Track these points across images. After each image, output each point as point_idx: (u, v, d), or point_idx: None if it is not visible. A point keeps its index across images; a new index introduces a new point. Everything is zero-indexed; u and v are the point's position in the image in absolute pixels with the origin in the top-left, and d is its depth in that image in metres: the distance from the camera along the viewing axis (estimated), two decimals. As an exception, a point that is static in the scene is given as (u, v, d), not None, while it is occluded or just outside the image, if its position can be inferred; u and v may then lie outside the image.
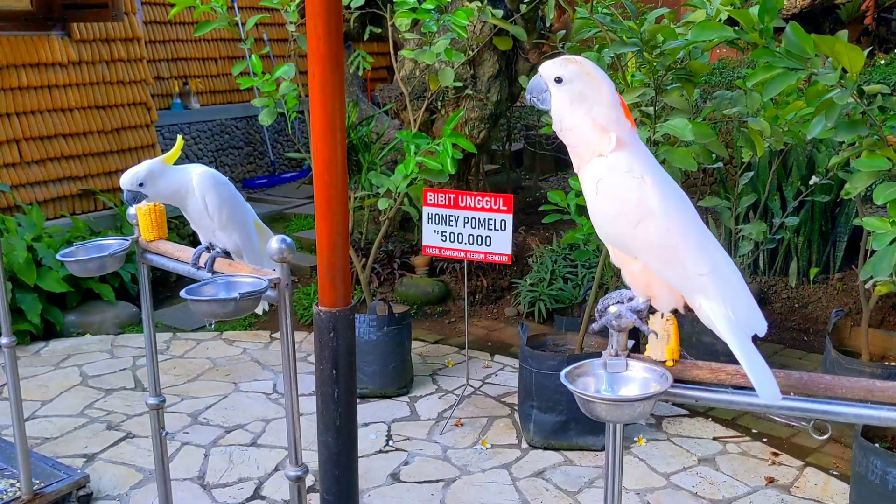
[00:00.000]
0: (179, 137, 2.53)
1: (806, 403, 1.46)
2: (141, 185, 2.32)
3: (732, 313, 1.50)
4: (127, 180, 2.32)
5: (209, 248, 2.44)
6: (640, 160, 1.56)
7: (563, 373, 1.52)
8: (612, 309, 1.56)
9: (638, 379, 1.54)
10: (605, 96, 1.55)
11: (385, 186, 4.26)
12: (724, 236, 5.33)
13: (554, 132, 1.66)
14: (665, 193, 1.54)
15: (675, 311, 1.59)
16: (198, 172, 2.38)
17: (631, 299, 1.60)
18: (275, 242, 1.95)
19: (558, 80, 1.56)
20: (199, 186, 2.36)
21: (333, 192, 1.67)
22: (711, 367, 1.54)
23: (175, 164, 2.43)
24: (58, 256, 2.51)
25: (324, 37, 1.59)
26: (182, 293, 1.99)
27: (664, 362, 1.55)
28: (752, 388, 1.54)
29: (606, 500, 1.65)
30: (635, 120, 3.41)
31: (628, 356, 1.57)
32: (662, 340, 1.54)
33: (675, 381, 1.53)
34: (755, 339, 1.51)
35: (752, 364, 1.46)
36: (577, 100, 1.55)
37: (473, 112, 5.81)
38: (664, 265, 1.53)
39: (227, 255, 2.44)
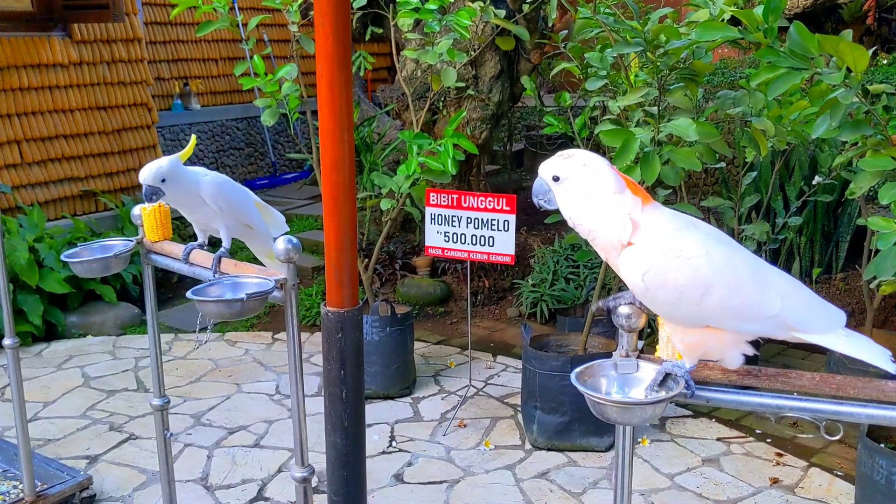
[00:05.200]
0: (193, 137, 2.52)
1: (817, 404, 1.46)
2: (163, 180, 2.28)
3: (819, 328, 1.50)
4: (150, 175, 2.26)
5: (202, 246, 2.43)
6: (668, 234, 1.49)
7: (573, 374, 1.51)
8: (624, 310, 1.55)
9: (649, 380, 1.53)
10: (606, 183, 1.50)
11: (387, 187, 4.25)
12: (727, 236, 5.32)
13: (555, 133, 1.64)
14: (709, 254, 1.48)
15: None
16: (204, 181, 2.35)
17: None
18: (281, 243, 1.95)
19: (556, 179, 1.54)
20: (209, 195, 2.34)
21: (341, 192, 1.67)
22: (722, 368, 1.53)
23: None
24: (62, 257, 2.50)
25: (332, 35, 1.58)
26: (188, 293, 1.99)
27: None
28: (758, 389, 1.54)
29: (616, 501, 1.64)
30: (638, 121, 3.41)
31: (638, 357, 1.56)
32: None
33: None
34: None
35: (867, 352, 1.50)
36: (579, 193, 1.52)
37: (475, 112, 5.80)
38: (740, 322, 1.49)
39: (231, 254, 2.43)
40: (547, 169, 1.56)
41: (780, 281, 1.53)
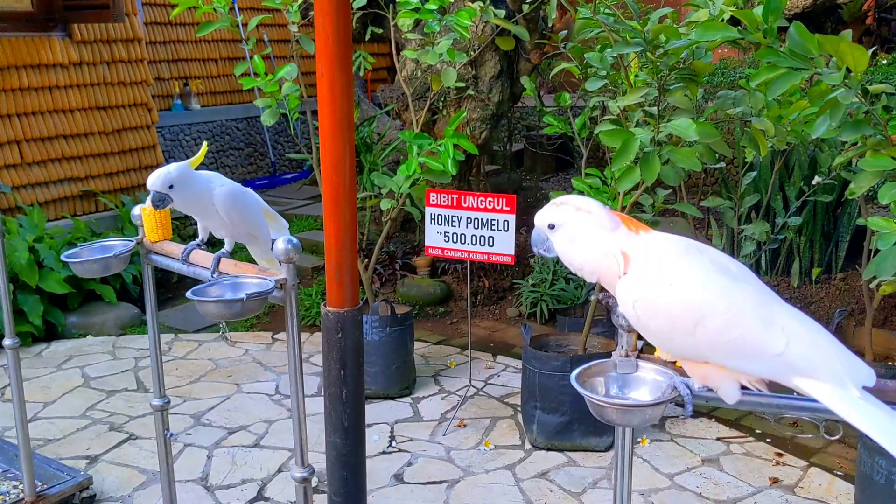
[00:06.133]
0: (205, 144, 2.52)
1: (817, 403, 1.45)
2: (171, 187, 2.26)
3: (833, 381, 1.37)
4: (158, 181, 2.24)
5: (200, 244, 2.43)
6: (662, 262, 1.46)
7: (573, 375, 1.51)
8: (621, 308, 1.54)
9: (648, 380, 1.53)
10: (601, 223, 1.50)
11: (387, 187, 4.26)
12: (727, 236, 5.33)
13: (555, 133, 1.64)
14: (704, 284, 1.42)
15: None
16: (217, 192, 2.33)
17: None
18: (281, 243, 1.95)
19: (552, 227, 1.54)
20: (222, 207, 2.33)
21: (341, 192, 1.67)
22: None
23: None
24: (62, 257, 2.50)
25: (332, 35, 1.59)
26: (188, 294, 1.99)
27: (674, 363, 1.54)
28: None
29: (616, 501, 1.64)
30: (638, 121, 3.41)
31: (638, 357, 1.56)
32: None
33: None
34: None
35: (876, 427, 1.33)
36: (575, 238, 1.52)
37: (475, 112, 5.80)
38: (740, 360, 1.40)
39: (231, 254, 2.43)
40: (542, 218, 1.56)
41: (792, 320, 1.42)
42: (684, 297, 1.41)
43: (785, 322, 1.41)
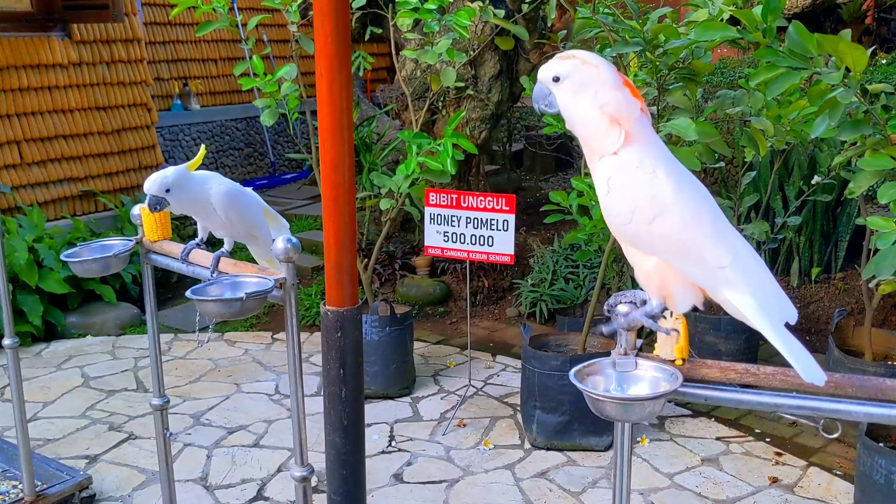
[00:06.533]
0: (203, 147, 2.52)
1: (816, 402, 1.46)
2: (168, 191, 2.27)
3: (761, 302, 1.45)
4: (154, 185, 2.26)
5: (199, 244, 2.43)
6: (651, 153, 1.51)
7: (572, 372, 1.51)
8: (622, 308, 1.55)
9: (647, 378, 1.53)
10: (605, 79, 1.52)
11: (386, 187, 4.26)
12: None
13: (555, 133, 1.64)
14: (679, 185, 1.50)
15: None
16: (215, 191, 2.34)
17: (644, 302, 1.57)
18: (280, 242, 1.95)
19: (556, 80, 1.55)
20: (220, 206, 2.34)
21: (341, 192, 1.67)
22: (721, 366, 1.54)
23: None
24: (62, 257, 2.51)
25: (331, 35, 1.59)
26: (188, 293, 1.99)
27: (673, 361, 1.55)
28: (757, 387, 1.54)
29: (615, 500, 1.64)
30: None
31: (637, 355, 1.56)
32: (671, 339, 1.54)
33: (685, 380, 1.53)
34: (787, 326, 1.48)
35: (791, 348, 1.42)
36: (578, 91, 1.53)
37: (474, 112, 5.80)
38: (684, 260, 1.49)
39: (230, 254, 2.43)
40: (546, 71, 1.57)
41: (742, 245, 1.51)
42: (656, 188, 1.49)
43: (736, 244, 1.51)
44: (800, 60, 2.27)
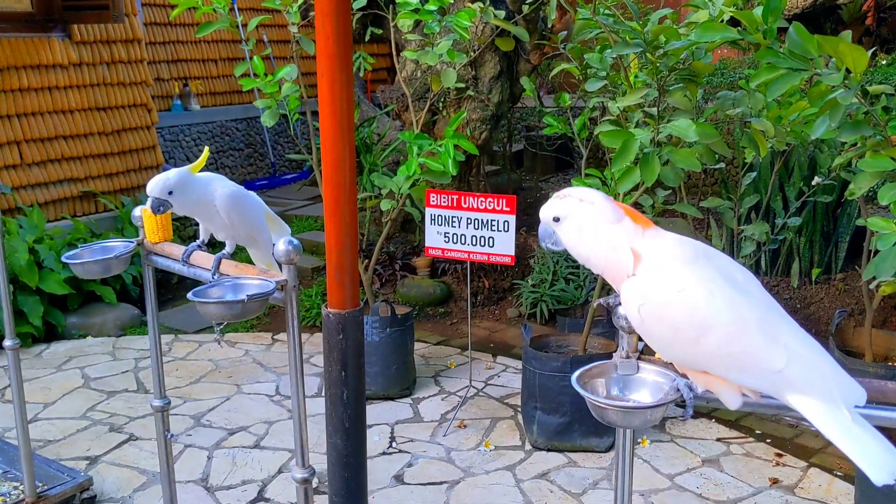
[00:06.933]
0: (206, 149, 2.52)
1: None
2: (170, 193, 2.26)
3: (824, 399, 1.38)
4: (157, 187, 2.25)
5: (201, 245, 2.43)
6: (672, 266, 1.45)
7: (574, 377, 1.51)
8: (623, 309, 1.54)
9: (649, 382, 1.53)
10: (604, 215, 1.50)
11: (387, 188, 4.26)
12: (727, 237, 5.33)
13: (555, 134, 1.64)
14: (711, 293, 1.41)
15: None
16: (219, 194, 2.33)
17: None
18: (282, 244, 1.95)
19: (557, 220, 1.55)
20: (223, 209, 2.34)
21: (343, 193, 1.67)
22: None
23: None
24: (63, 258, 2.51)
25: (333, 36, 1.59)
26: (189, 295, 1.99)
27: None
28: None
29: (616, 501, 1.64)
30: (637, 121, 3.41)
31: (639, 358, 1.56)
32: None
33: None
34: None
35: (859, 451, 1.37)
36: (580, 229, 1.52)
37: (475, 113, 5.80)
38: (738, 372, 1.41)
39: (232, 256, 2.43)
40: (547, 212, 1.56)
41: (794, 337, 1.42)
42: (691, 306, 1.40)
43: (787, 339, 1.41)
44: (800, 61, 2.27)
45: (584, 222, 1.52)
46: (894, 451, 1.36)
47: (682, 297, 1.41)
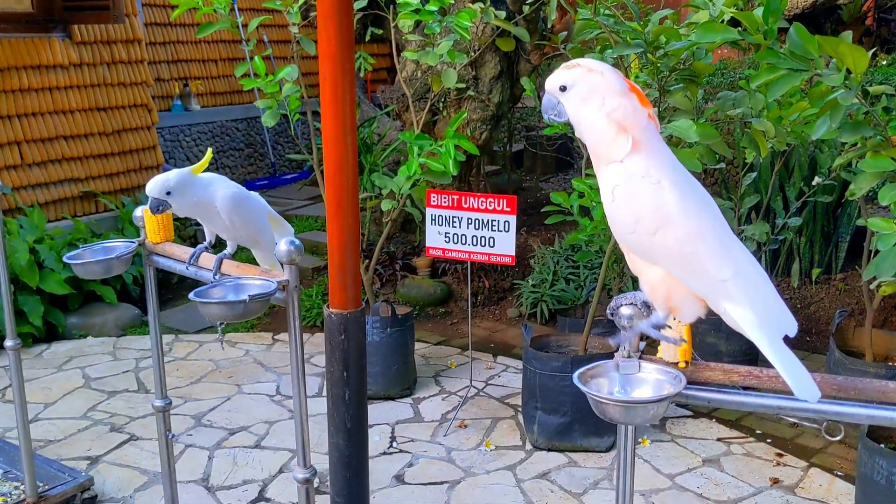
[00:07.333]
0: (209, 151, 2.52)
1: (819, 405, 1.46)
2: (169, 193, 2.27)
3: (760, 315, 1.45)
4: (155, 188, 2.26)
5: (207, 247, 2.43)
6: (658, 162, 1.51)
7: (575, 375, 1.52)
8: (625, 310, 1.55)
9: (651, 381, 1.54)
10: (612, 86, 1.52)
11: (388, 188, 4.26)
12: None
13: (555, 134, 1.64)
14: (684, 196, 1.49)
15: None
16: (220, 195, 2.33)
17: (646, 303, 1.57)
18: (283, 244, 1.95)
19: (563, 89, 1.56)
20: (224, 211, 2.34)
21: (344, 194, 1.67)
22: (724, 369, 1.54)
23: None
24: (64, 259, 2.51)
25: (335, 37, 1.59)
26: (191, 295, 1.99)
27: (677, 364, 1.55)
28: (759, 390, 1.55)
29: (618, 501, 1.65)
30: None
31: (640, 358, 1.57)
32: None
33: (688, 382, 1.53)
34: (786, 339, 1.48)
35: (786, 364, 1.43)
36: (586, 98, 1.53)
37: (475, 113, 5.81)
38: (686, 272, 1.49)
39: (233, 256, 2.44)
40: (553, 81, 1.57)
41: (745, 258, 1.51)
42: (662, 200, 1.48)
43: (739, 255, 1.50)
44: (800, 62, 2.28)
45: (591, 90, 1.53)
46: (814, 380, 1.45)
47: (656, 189, 1.49)
